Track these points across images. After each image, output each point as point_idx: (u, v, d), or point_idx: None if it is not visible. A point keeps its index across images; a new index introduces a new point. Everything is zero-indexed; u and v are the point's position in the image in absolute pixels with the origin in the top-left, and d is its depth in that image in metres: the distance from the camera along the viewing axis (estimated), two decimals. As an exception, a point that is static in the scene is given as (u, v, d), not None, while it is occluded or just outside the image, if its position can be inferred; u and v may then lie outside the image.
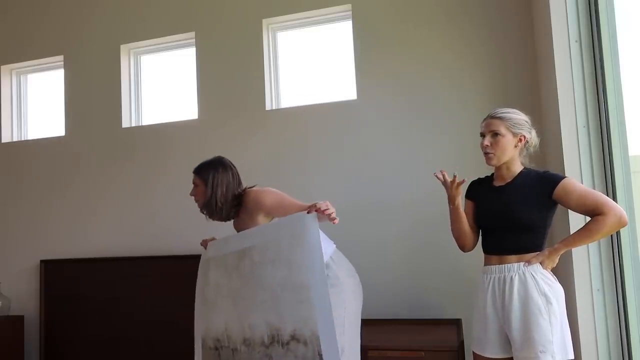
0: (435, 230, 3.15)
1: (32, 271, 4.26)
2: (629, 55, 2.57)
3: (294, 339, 2.22)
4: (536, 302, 2.10)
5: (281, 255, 2.28)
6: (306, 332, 2.17)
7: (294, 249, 2.24)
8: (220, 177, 2.66)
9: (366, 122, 3.60)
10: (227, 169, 2.72)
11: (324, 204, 2.22)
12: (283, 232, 2.32)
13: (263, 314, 2.32)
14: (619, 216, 2.07)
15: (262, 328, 2.32)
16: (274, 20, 3.94)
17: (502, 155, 2.23)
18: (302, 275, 2.20)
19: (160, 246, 3.94)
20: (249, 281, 2.39)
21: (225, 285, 2.51)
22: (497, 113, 2.26)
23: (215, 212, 2.66)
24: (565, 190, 2.14)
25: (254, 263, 2.38)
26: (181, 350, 3.69)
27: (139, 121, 4.30)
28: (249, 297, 2.39)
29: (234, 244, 2.54)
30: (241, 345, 2.40)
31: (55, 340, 4.08)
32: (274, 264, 2.30)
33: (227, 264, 2.52)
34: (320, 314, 2.15)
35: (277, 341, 2.27)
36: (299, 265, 2.22)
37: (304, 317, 2.18)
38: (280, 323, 2.26)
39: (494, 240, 2.26)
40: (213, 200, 2.63)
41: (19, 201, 4.40)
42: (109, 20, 4.30)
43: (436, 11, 3.55)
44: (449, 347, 2.89)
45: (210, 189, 2.64)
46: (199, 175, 2.70)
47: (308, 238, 2.21)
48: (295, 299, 2.21)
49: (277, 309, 2.27)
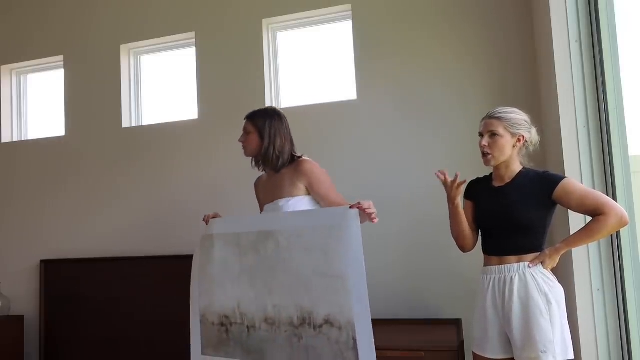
0: (435, 230, 3.14)
1: (32, 271, 4.26)
2: (629, 55, 2.57)
3: (328, 322, 2.24)
4: (537, 302, 2.10)
5: (315, 244, 2.30)
6: (341, 318, 2.21)
7: (332, 239, 2.26)
8: (277, 125, 2.61)
9: (366, 122, 3.60)
10: (283, 119, 2.65)
11: (367, 203, 2.24)
12: (320, 222, 2.34)
13: (291, 296, 2.34)
14: (620, 216, 2.07)
15: (290, 309, 2.34)
16: (274, 20, 3.94)
17: (500, 156, 2.23)
18: (338, 265, 2.23)
19: (160, 246, 3.94)
20: (272, 263, 2.40)
21: (237, 264, 2.51)
22: (496, 113, 2.25)
23: (271, 162, 2.58)
24: (565, 191, 2.13)
25: (280, 247, 2.39)
26: (181, 350, 3.69)
27: (139, 121, 4.30)
28: (272, 279, 2.40)
29: (252, 224, 2.53)
30: (261, 323, 2.41)
31: (55, 340, 4.08)
32: (307, 251, 2.32)
33: (240, 243, 2.51)
34: (357, 303, 2.17)
35: (308, 323, 2.29)
36: (335, 256, 2.24)
37: (339, 304, 2.21)
38: (313, 307, 2.28)
39: (494, 241, 2.26)
40: (271, 149, 2.57)
41: (19, 201, 4.40)
42: (109, 20, 4.30)
43: (436, 11, 3.55)
44: (449, 347, 2.89)
45: (268, 137, 2.57)
46: (253, 121, 2.62)
47: (348, 231, 2.23)
48: (331, 287, 2.24)
49: (310, 294, 2.29)
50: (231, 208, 3.61)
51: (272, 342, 2.38)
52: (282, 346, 2.36)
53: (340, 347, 2.21)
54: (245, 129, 2.65)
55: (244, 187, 3.75)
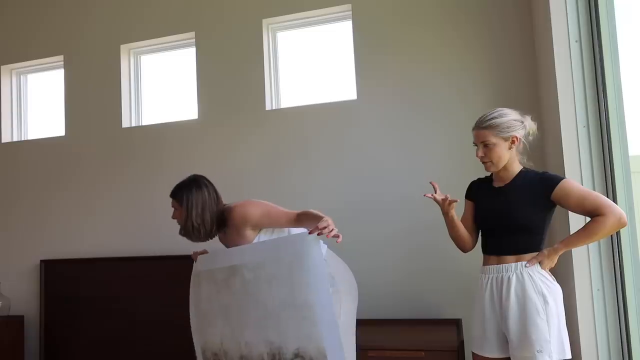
0: (435, 230, 3.14)
1: (32, 271, 4.26)
2: (629, 55, 2.57)
3: (298, 356, 2.21)
4: (533, 301, 2.10)
5: (280, 274, 2.27)
6: (311, 348, 2.17)
7: (295, 268, 2.23)
8: (194, 197, 2.60)
9: (366, 122, 3.60)
10: (202, 187, 2.63)
11: (324, 223, 2.18)
12: (282, 251, 2.30)
13: (260, 332, 2.31)
14: (619, 217, 2.06)
15: (260, 346, 2.31)
16: (274, 20, 3.94)
17: (498, 162, 2.23)
18: (304, 294, 2.19)
19: (160, 246, 3.94)
20: (240, 298, 2.39)
21: (215, 300, 2.51)
22: (483, 122, 2.24)
23: (193, 234, 2.60)
24: (564, 192, 2.13)
25: (246, 280, 2.37)
26: (181, 350, 3.69)
27: (139, 121, 4.30)
28: (242, 314, 2.38)
29: (222, 259, 2.53)
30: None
31: (55, 340, 4.08)
32: (271, 283, 2.29)
33: (216, 279, 2.52)
34: (325, 330, 2.14)
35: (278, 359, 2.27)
36: (301, 285, 2.21)
37: (307, 334, 2.17)
38: (282, 342, 2.25)
39: (493, 240, 2.26)
40: (189, 222, 2.58)
41: (19, 201, 4.40)
42: (109, 20, 4.30)
43: (436, 11, 3.55)
44: (449, 347, 2.89)
45: (186, 210, 2.59)
46: (175, 198, 2.66)
47: (310, 258, 2.20)
48: (298, 316, 2.20)
49: (277, 327, 2.26)
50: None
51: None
52: None
53: None
54: (172, 205, 2.68)
55: (244, 187, 3.76)
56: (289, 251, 2.27)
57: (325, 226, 2.17)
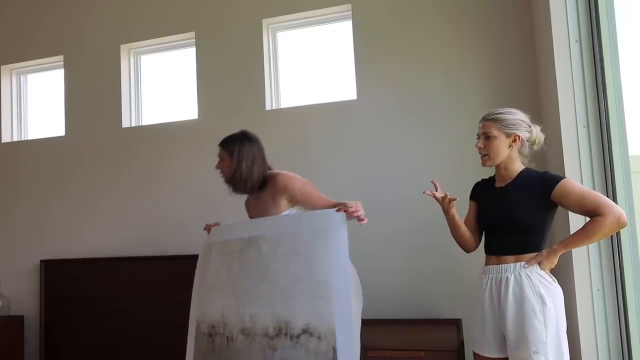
0: (435, 230, 3.14)
1: (32, 271, 4.26)
2: (629, 55, 2.57)
3: (306, 332, 2.17)
4: (531, 302, 2.09)
5: (297, 249, 2.25)
6: (321, 326, 2.13)
7: (315, 244, 2.21)
8: (246, 149, 2.63)
9: (366, 122, 3.60)
10: (253, 142, 2.68)
11: (353, 206, 2.21)
12: (304, 226, 2.29)
13: (269, 305, 2.27)
14: (618, 217, 2.04)
15: (266, 319, 2.27)
16: (274, 20, 3.94)
17: (495, 157, 2.23)
18: (322, 271, 2.17)
19: (161, 246, 3.94)
20: (253, 271, 2.36)
21: (225, 272, 2.48)
22: (490, 115, 2.25)
23: (239, 185, 2.64)
24: (564, 191, 2.12)
25: (262, 253, 2.34)
26: (182, 351, 3.69)
27: (139, 121, 4.30)
28: (251, 287, 2.35)
29: (240, 230, 2.50)
30: (238, 334, 2.35)
31: (55, 340, 4.08)
32: (287, 257, 2.26)
33: (229, 251, 2.49)
34: (338, 310, 2.11)
35: (284, 334, 2.22)
36: (318, 261, 2.19)
37: (320, 312, 2.14)
38: (291, 316, 2.21)
39: (494, 240, 2.26)
40: (238, 173, 2.61)
41: (19, 201, 4.40)
42: (109, 20, 4.30)
43: (436, 11, 3.55)
44: (449, 347, 2.89)
45: (236, 161, 2.62)
46: (225, 148, 2.68)
47: (334, 236, 2.18)
48: (312, 294, 2.17)
49: (287, 302, 2.23)
50: (231, 208, 3.60)
51: (246, 354, 2.31)
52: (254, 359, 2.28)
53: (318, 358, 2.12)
54: (219, 155, 2.70)
55: (244, 187, 3.76)
56: (312, 227, 2.26)
57: (355, 210, 2.20)
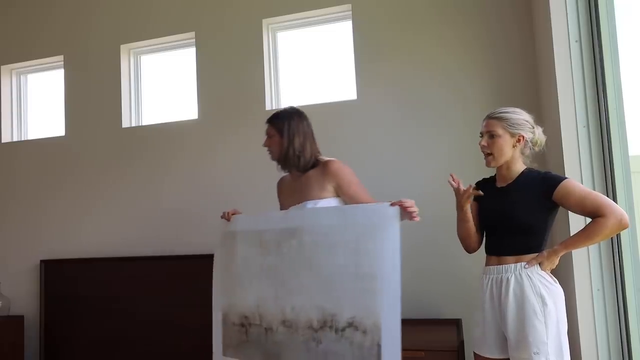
0: (435, 231, 3.14)
1: (32, 271, 4.26)
2: (629, 55, 2.57)
3: (352, 325, 2.15)
4: (531, 303, 2.09)
5: (345, 242, 2.22)
6: (367, 321, 2.11)
7: (365, 237, 2.19)
8: (296, 125, 2.56)
9: (366, 122, 3.60)
10: (303, 118, 2.61)
11: (409, 202, 2.19)
12: (354, 218, 2.26)
13: (312, 297, 2.25)
14: (620, 219, 2.03)
15: (310, 311, 2.25)
16: (274, 20, 3.94)
17: (499, 156, 2.22)
18: (371, 264, 2.15)
19: (161, 246, 3.94)
20: (293, 261, 2.33)
21: (258, 262, 2.44)
22: (495, 113, 2.24)
23: (292, 162, 2.54)
24: (565, 192, 2.11)
25: (304, 244, 2.31)
26: (182, 351, 3.70)
27: (139, 121, 4.30)
28: (292, 279, 2.32)
29: (275, 221, 2.46)
30: (279, 325, 2.33)
31: (55, 340, 4.08)
32: (332, 249, 2.24)
33: (262, 240, 2.44)
34: (387, 305, 2.09)
35: (329, 326, 2.21)
36: (367, 255, 2.16)
37: (367, 306, 2.12)
38: (336, 309, 2.19)
39: (495, 241, 2.26)
40: (291, 150, 2.53)
41: (19, 201, 4.40)
42: (109, 20, 4.30)
43: (436, 11, 3.55)
44: (449, 347, 2.89)
45: (287, 138, 2.54)
46: (274, 124, 2.59)
47: (386, 230, 2.16)
48: (359, 286, 2.15)
49: (332, 294, 2.21)
50: (230, 208, 3.60)
51: (288, 346, 2.30)
52: (297, 351, 2.27)
53: (362, 353, 2.11)
54: (267, 132, 2.62)
55: (244, 187, 3.77)
56: (363, 220, 2.23)
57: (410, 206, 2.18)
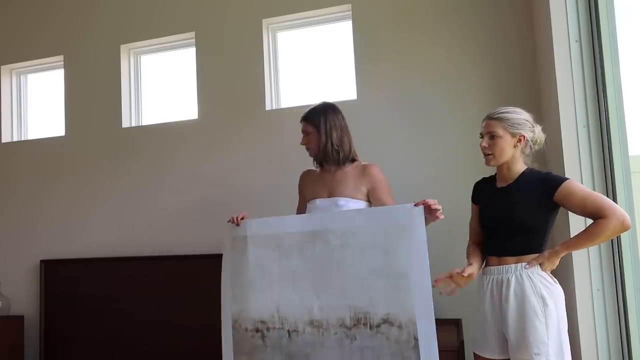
0: (434, 231, 3.13)
1: (32, 271, 4.26)
2: (629, 55, 2.57)
3: (387, 322, 2.25)
4: (532, 303, 2.08)
5: (375, 242, 2.30)
6: (402, 316, 2.21)
7: (394, 237, 2.27)
8: (331, 119, 2.60)
9: (366, 122, 3.59)
10: (337, 112, 2.64)
11: (432, 200, 2.24)
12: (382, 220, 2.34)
13: (344, 297, 2.32)
14: (622, 220, 2.02)
15: (341, 310, 2.32)
16: (274, 20, 3.93)
17: (500, 157, 2.22)
18: (400, 263, 2.24)
19: (160, 246, 3.94)
20: (321, 264, 2.38)
21: (278, 266, 2.46)
22: (495, 114, 2.23)
23: (331, 156, 2.57)
24: (567, 193, 2.10)
25: (331, 246, 2.37)
26: (182, 351, 3.70)
27: (139, 121, 4.30)
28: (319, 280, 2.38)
29: (295, 224, 2.49)
30: (306, 326, 2.38)
31: (55, 340, 4.08)
32: (364, 251, 2.32)
33: (282, 244, 2.47)
34: (419, 301, 2.19)
35: (363, 323, 2.29)
36: (397, 254, 2.26)
37: (401, 303, 2.22)
38: (370, 307, 2.28)
39: (495, 241, 2.25)
40: (329, 144, 2.56)
41: (19, 201, 4.40)
42: (109, 20, 4.30)
43: (436, 11, 3.54)
44: (449, 347, 2.88)
45: (325, 133, 2.57)
46: (309, 121, 2.62)
47: (412, 229, 2.25)
48: (392, 285, 2.25)
49: (366, 294, 2.29)
50: (230, 208, 3.59)
51: (318, 346, 2.35)
52: (331, 349, 2.33)
53: (400, 346, 2.21)
54: (304, 130, 2.64)
55: (244, 188, 3.76)
56: (390, 220, 2.31)
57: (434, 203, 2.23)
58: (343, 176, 2.60)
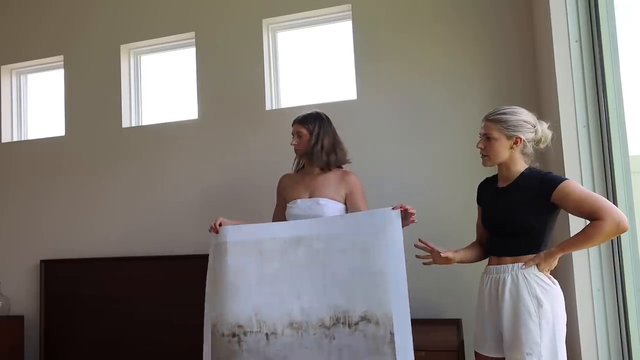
0: (435, 230, 3.13)
1: (32, 271, 4.26)
2: (629, 55, 2.57)
3: (365, 319, 2.34)
4: (526, 303, 2.08)
5: (356, 244, 2.41)
6: (379, 313, 2.31)
7: (373, 239, 2.40)
8: (324, 126, 2.80)
9: (366, 122, 3.60)
10: (330, 123, 2.84)
11: (409, 206, 2.42)
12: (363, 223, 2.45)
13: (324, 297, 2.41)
14: (618, 222, 2.00)
15: (321, 311, 2.40)
16: (274, 20, 3.94)
17: (495, 158, 2.22)
18: (380, 263, 2.36)
19: (160, 246, 3.94)
20: (304, 267, 2.46)
21: (258, 271, 2.52)
22: (492, 115, 2.22)
23: (319, 158, 2.75)
24: (564, 193, 2.09)
25: (315, 251, 2.46)
26: (181, 351, 3.70)
27: (139, 121, 4.30)
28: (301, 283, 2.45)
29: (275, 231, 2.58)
30: (285, 328, 2.44)
31: (55, 340, 4.08)
32: (345, 252, 2.42)
33: (263, 249, 2.53)
34: (396, 298, 2.31)
35: (342, 322, 2.37)
36: (375, 254, 2.37)
37: (378, 299, 2.32)
38: (349, 305, 2.37)
39: (496, 241, 2.25)
40: (318, 146, 2.75)
41: (19, 201, 4.40)
42: (109, 20, 4.30)
43: (436, 11, 3.54)
44: (449, 347, 2.89)
45: (316, 137, 2.76)
46: (304, 125, 2.80)
47: (390, 230, 2.38)
48: (370, 283, 2.35)
49: (346, 293, 2.38)
50: (230, 208, 3.60)
51: (297, 347, 2.41)
52: (310, 349, 2.39)
53: (376, 342, 2.29)
54: (298, 131, 2.81)
55: (244, 187, 3.76)
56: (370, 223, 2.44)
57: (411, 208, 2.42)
58: (324, 179, 2.78)
